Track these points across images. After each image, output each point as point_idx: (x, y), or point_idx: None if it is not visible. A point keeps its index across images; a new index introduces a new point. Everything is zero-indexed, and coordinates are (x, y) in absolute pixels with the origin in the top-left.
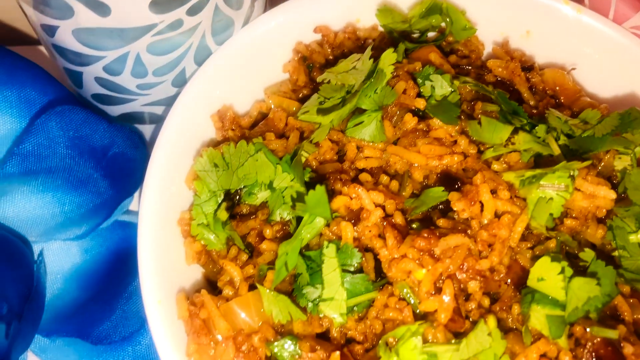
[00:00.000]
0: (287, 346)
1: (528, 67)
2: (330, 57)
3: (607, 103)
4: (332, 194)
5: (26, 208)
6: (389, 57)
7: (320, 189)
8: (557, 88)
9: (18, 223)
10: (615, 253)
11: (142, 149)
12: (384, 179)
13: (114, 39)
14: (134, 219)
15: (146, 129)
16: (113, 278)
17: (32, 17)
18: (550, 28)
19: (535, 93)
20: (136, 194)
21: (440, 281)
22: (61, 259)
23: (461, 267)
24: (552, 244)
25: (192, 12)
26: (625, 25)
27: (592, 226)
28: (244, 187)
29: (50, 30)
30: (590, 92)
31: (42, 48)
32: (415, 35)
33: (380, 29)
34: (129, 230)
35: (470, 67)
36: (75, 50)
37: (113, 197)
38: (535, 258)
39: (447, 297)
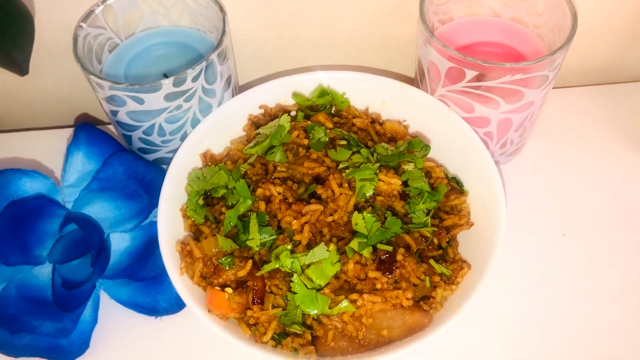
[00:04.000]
0: (229, 259)
1: (372, 120)
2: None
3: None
4: (257, 189)
5: (100, 212)
6: (284, 118)
7: (242, 182)
8: (394, 133)
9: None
10: (409, 216)
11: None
12: (290, 182)
13: (147, 116)
14: None
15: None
16: (148, 250)
17: (105, 107)
18: (394, 99)
19: (380, 135)
20: None
21: (305, 225)
22: (119, 243)
23: (317, 220)
24: (369, 209)
25: (187, 100)
26: (435, 95)
27: (396, 201)
28: (212, 188)
29: (114, 113)
30: (412, 133)
31: (110, 126)
32: (317, 107)
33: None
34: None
35: (345, 123)
36: (127, 123)
37: (148, 206)
38: None
39: (306, 232)
